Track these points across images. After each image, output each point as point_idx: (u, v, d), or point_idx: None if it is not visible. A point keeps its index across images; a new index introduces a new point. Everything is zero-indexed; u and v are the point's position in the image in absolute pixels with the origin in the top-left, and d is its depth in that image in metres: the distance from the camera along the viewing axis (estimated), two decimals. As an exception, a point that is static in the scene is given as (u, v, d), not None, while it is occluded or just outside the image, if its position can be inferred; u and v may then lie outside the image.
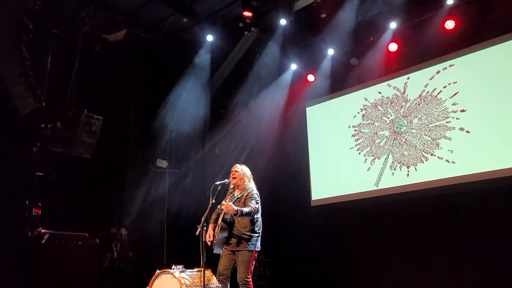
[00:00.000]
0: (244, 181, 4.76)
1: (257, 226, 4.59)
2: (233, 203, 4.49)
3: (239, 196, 4.68)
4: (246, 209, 4.41)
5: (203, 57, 8.36)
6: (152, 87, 8.44)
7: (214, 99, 8.85)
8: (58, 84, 6.89)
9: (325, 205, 7.96)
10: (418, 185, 6.87)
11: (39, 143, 6.74)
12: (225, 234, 4.51)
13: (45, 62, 6.38)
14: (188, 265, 4.96)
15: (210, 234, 4.56)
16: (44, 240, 6.58)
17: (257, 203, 4.57)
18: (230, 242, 4.55)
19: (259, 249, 4.61)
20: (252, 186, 4.78)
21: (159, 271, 4.51)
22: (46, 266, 6.33)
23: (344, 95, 8.22)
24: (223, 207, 4.43)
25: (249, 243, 4.48)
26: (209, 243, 4.51)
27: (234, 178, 4.77)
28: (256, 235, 4.56)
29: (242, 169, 4.84)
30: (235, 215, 4.45)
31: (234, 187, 4.82)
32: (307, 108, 8.77)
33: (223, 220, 4.53)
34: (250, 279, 4.44)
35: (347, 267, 7.23)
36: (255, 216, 4.56)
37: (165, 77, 8.50)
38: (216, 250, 4.57)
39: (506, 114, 6.18)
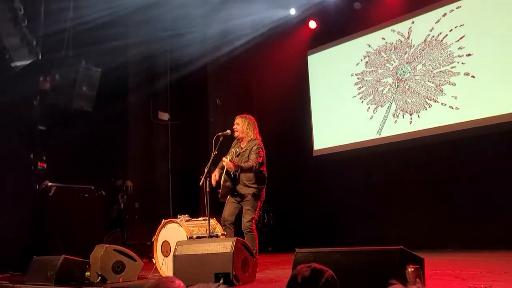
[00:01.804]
0: (247, 133, 4.70)
1: (261, 178, 4.60)
2: (237, 156, 4.50)
3: (244, 149, 4.65)
4: (246, 165, 4.42)
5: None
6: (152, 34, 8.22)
7: (215, 48, 8.67)
8: (54, 35, 6.72)
9: (328, 154, 7.99)
10: (420, 132, 6.85)
11: (39, 96, 6.68)
12: (230, 183, 4.53)
13: (38, 11, 6.19)
14: (193, 215, 5.06)
15: (216, 175, 4.61)
16: (51, 193, 6.67)
17: (259, 157, 4.54)
18: (235, 193, 4.59)
19: (264, 199, 4.67)
20: (256, 137, 4.71)
21: (165, 221, 4.59)
22: (54, 218, 6.45)
23: (346, 42, 8.02)
24: (224, 163, 4.42)
25: (253, 193, 4.52)
26: (213, 184, 4.55)
27: (236, 131, 4.71)
28: (260, 186, 4.59)
29: (243, 121, 4.74)
30: (236, 171, 4.46)
31: (239, 140, 4.77)
32: (309, 57, 8.60)
33: (226, 173, 4.53)
34: (255, 227, 4.52)
35: (350, 215, 7.34)
36: (260, 169, 4.57)
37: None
38: (222, 199, 4.63)
39: (513, 57, 6.04)
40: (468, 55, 6.47)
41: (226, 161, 4.36)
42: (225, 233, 4.46)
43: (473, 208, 6.17)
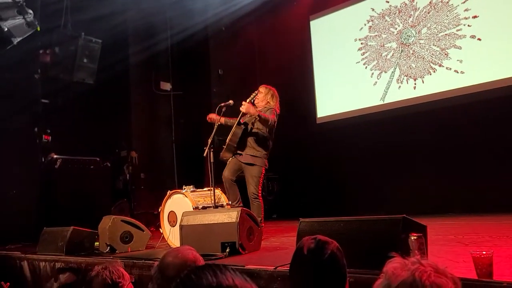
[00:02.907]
0: (268, 102, 4.77)
1: (268, 146, 4.68)
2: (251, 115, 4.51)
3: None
4: (264, 116, 4.44)
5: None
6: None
7: (216, 17, 8.51)
8: (52, 7, 6.61)
9: (331, 121, 7.96)
10: (425, 97, 6.78)
11: (40, 69, 6.65)
12: (236, 139, 4.53)
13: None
14: (199, 184, 5.12)
15: (220, 118, 4.63)
16: (57, 166, 6.75)
17: (275, 116, 4.60)
18: (241, 153, 4.62)
19: (267, 167, 4.72)
20: (275, 107, 4.76)
21: (170, 192, 4.64)
22: (61, 190, 6.56)
23: (350, 6, 7.84)
24: (243, 107, 4.41)
25: (259, 159, 4.58)
26: (212, 121, 4.66)
27: (256, 98, 4.76)
28: (265, 153, 4.66)
29: (267, 91, 4.81)
30: (254, 116, 4.45)
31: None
32: (311, 22, 8.43)
33: (238, 123, 4.56)
34: (261, 194, 4.60)
35: (353, 182, 7.37)
36: (268, 135, 4.66)
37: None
38: (225, 156, 4.65)
39: (520, 19, 5.90)
40: (474, 17, 6.32)
41: (246, 104, 4.38)
42: (229, 202, 4.51)
43: (477, 172, 6.17)
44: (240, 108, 4.47)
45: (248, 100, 4.44)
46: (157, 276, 1.94)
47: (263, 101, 4.75)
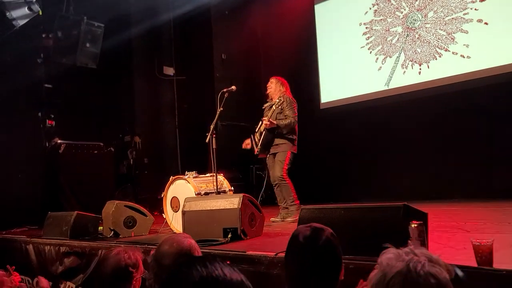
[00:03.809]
0: (280, 90, 5.10)
1: (293, 132, 5.04)
2: (271, 111, 4.93)
3: (277, 104, 4.97)
4: (285, 122, 4.85)
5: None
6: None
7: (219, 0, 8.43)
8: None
9: (335, 107, 7.91)
10: (430, 82, 6.71)
11: (42, 54, 6.63)
12: (269, 137, 4.94)
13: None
14: (202, 169, 5.13)
15: (247, 143, 5.19)
16: (61, 150, 6.78)
17: (295, 112, 4.99)
18: (270, 146, 5.00)
19: (296, 152, 5.05)
20: (287, 93, 5.12)
21: (173, 178, 4.66)
22: (65, 175, 6.60)
23: (355, -11, 7.73)
24: (264, 123, 4.85)
25: (283, 145, 4.94)
26: (248, 147, 5.16)
27: (269, 88, 5.14)
28: (293, 138, 5.03)
29: (276, 82, 5.15)
30: (275, 128, 4.86)
31: (271, 98, 5.18)
32: (315, 6, 8.32)
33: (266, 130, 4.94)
34: (286, 175, 4.88)
35: (357, 167, 7.36)
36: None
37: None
38: (261, 155, 5.13)
39: (528, 3, 5.79)
40: (482, 0, 6.21)
41: (265, 121, 4.81)
42: (232, 188, 4.55)
43: (482, 158, 6.15)
44: (264, 124, 4.87)
45: (266, 119, 4.83)
46: (153, 265, 1.95)
47: (275, 91, 5.10)
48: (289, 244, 1.75)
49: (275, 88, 5.11)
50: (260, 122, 5.10)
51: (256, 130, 5.16)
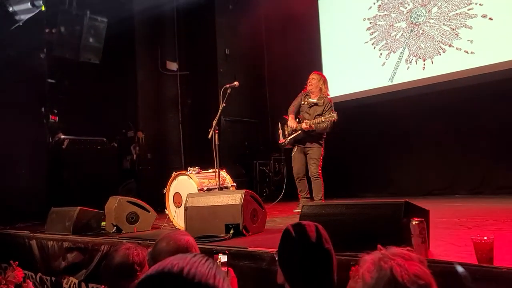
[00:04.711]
0: (321, 89, 5.24)
1: (326, 129, 5.16)
2: (310, 107, 5.21)
3: (316, 102, 5.20)
4: (322, 125, 5.04)
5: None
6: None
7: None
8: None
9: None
10: (434, 78, 6.67)
11: (46, 49, 6.64)
12: (300, 137, 5.18)
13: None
14: (205, 165, 5.13)
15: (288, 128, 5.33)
16: (64, 146, 6.81)
17: (333, 110, 5.13)
18: (302, 140, 5.20)
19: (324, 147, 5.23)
20: (327, 95, 5.32)
21: (176, 173, 4.67)
22: (69, 170, 6.62)
23: (359, -16, 7.68)
24: (304, 127, 5.04)
25: (319, 142, 5.14)
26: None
27: (310, 85, 5.23)
28: (324, 136, 5.22)
29: (318, 77, 5.29)
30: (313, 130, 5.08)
31: (310, 93, 5.31)
32: (319, 1, 8.28)
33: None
34: (321, 172, 5.10)
35: (360, 163, 7.35)
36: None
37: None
38: (287, 146, 5.38)
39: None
40: (487, -4, 6.16)
41: (305, 125, 5.04)
42: (234, 184, 4.55)
43: (486, 154, 6.12)
44: (303, 127, 5.08)
45: (308, 123, 5.07)
46: (150, 263, 1.95)
47: (316, 88, 5.23)
48: (281, 242, 1.77)
49: (316, 85, 5.21)
50: (297, 119, 5.26)
51: (288, 124, 5.27)
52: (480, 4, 6.23)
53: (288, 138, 5.27)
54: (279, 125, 5.51)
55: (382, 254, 1.17)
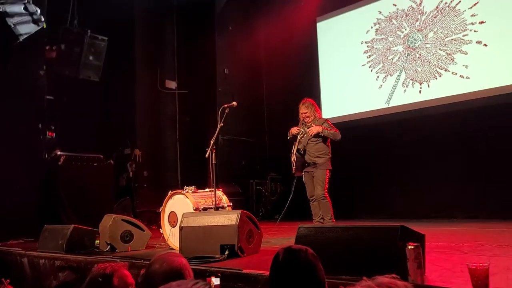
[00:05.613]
0: (314, 115, 5.22)
1: (329, 150, 5.14)
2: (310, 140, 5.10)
3: (315, 123, 5.15)
4: (329, 131, 5.05)
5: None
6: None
7: (221, 14, 8.53)
8: (58, 4, 6.64)
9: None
10: (430, 102, 6.75)
11: (45, 66, 6.67)
12: (302, 160, 5.08)
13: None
14: (201, 184, 5.12)
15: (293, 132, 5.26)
16: (61, 162, 6.77)
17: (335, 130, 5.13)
18: (307, 165, 5.10)
19: (331, 168, 5.13)
20: (320, 116, 5.34)
21: (172, 192, 4.65)
22: (64, 187, 6.57)
23: (357, 9, 7.81)
24: (311, 131, 4.98)
25: (323, 164, 5.04)
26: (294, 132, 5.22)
27: (308, 117, 5.19)
28: (328, 157, 5.12)
29: (309, 107, 5.21)
30: (320, 133, 5.00)
31: (303, 121, 5.27)
32: (318, 24, 8.41)
33: (297, 151, 5.07)
34: (327, 194, 5.03)
35: (356, 185, 7.34)
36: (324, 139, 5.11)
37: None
38: (297, 173, 5.21)
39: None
40: (481, 22, 6.28)
41: (311, 128, 4.98)
42: (231, 204, 4.53)
43: (481, 178, 6.15)
44: (309, 133, 5.01)
45: (312, 129, 5.01)
46: (143, 284, 1.93)
47: (311, 116, 5.21)
48: (271, 266, 1.76)
49: (310, 114, 5.22)
50: (296, 142, 5.17)
51: (292, 151, 5.21)
52: (474, 31, 6.35)
53: (294, 150, 5.14)
54: (291, 155, 5.33)
55: (368, 286, 1.16)
